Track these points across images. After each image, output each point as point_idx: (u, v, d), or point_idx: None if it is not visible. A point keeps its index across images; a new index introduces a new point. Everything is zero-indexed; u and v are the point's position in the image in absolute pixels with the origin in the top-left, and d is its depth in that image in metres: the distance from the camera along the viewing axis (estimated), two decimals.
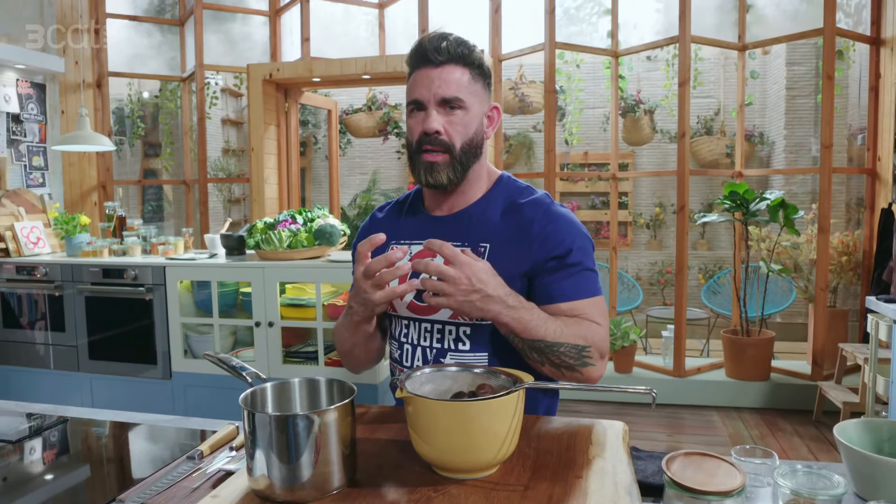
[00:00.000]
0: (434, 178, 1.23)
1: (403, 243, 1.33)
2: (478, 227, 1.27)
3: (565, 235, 1.22)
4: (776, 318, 5.79)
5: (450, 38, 1.21)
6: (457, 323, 1.24)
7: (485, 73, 1.27)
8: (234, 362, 1.01)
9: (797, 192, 6.00)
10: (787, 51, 5.85)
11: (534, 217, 1.24)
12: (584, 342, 1.15)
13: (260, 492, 0.88)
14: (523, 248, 1.22)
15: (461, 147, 1.22)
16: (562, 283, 1.20)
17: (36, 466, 1.19)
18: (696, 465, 0.86)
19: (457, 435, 0.87)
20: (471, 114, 1.23)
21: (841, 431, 0.99)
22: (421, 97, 1.21)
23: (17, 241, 3.46)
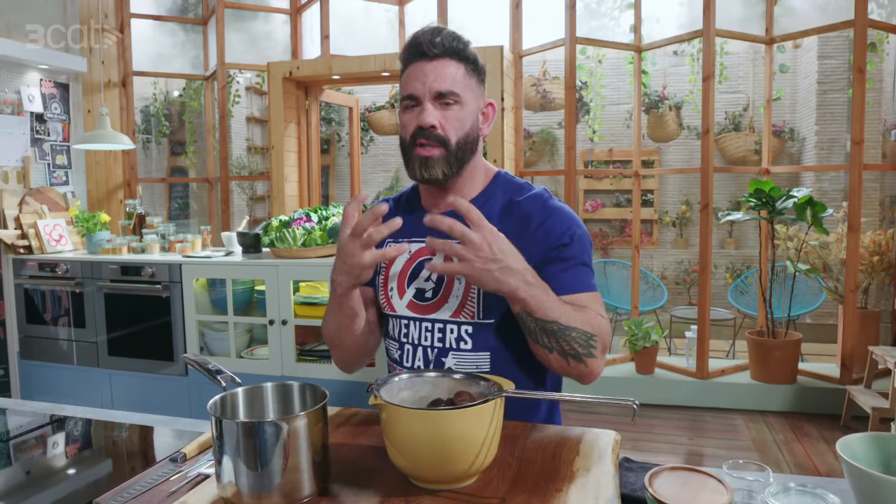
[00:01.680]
0: (429, 172, 1.20)
1: (401, 241, 1.30)
2: None
3: (564, 228, 1.21)
4: (806, 319, 5.63)
5: (444, 32, 1.19)
6: (459, 322, 1.22)
7: (479, 69, 1.25)
8: (209, 365, 0.99)
9: (828, 189, 5.82)
10: (818, 44, 5.68)
11: (532, 211, 1.22)
12: (592, 330, 1.12)
13: (228, 499, 0.85)
14: (524, 244, 1.17)
15: (457, 142, 1.20)
16: (561, 275, 1.17)
17: (17, 467, 1.18)
18: (682, 481, 0.82)
19: (431, 444, 0.84)
20: (466, 109, 1.20)
21: (844, 447, 0.93)
22: (416, 91, 1.19)
23: (39, 238, 3.52)
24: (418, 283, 1.25)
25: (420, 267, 1.26)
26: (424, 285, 1.25)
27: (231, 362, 3.22)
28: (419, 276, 1.25)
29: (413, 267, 1.27)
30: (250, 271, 3.18)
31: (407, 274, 1.27)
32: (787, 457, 3.27)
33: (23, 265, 3.52)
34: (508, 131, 4.23)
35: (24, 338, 3.59)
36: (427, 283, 1.25)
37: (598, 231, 7.01)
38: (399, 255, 1.15)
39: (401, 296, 1.27)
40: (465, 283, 1.21)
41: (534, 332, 1.10)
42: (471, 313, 1.21)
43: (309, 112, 4.69)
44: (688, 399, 4.05)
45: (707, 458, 3.31)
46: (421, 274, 1.25)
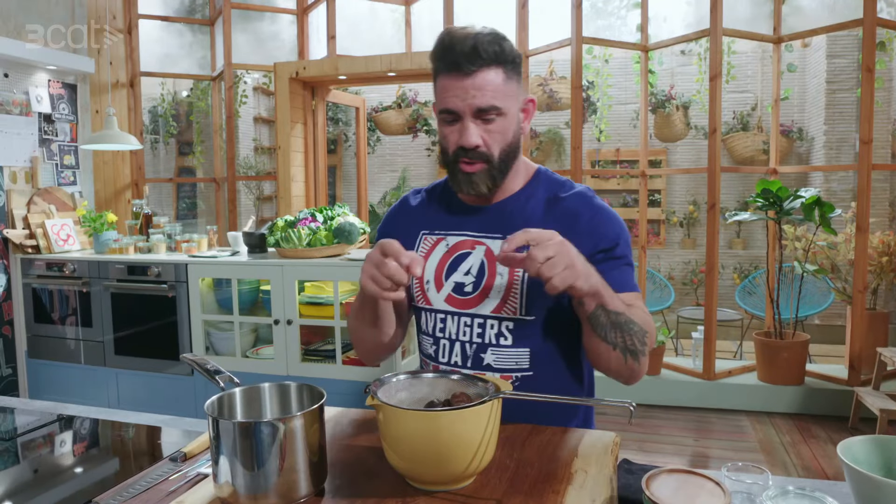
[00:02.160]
0: (475, 189, 1.18)
1: (437, 233, 1.27)
2: (519, 220, 1.21)
3: (611, 228, 1.19)
4: (814, 319, 5.59)
5: (480, 39, 1.11)
6: (500, 317, 1.19)
7: (518, 65, 1.17)
8: (209, 365, 0.99)
9: (837, 189, 5.78)
10: (827, 43, 5.64)
11: (579, 210, 1.20)
12: (645, 327, 1.11)
13: (224, 499, 0.86)
14: (571, 241, 1.14)
15: (500, 155, 1.16)
16: (608, 274, 1.13)
17: (23, 465, 1.19)
18: (679, 484, 0.81)
19: (427, 445, 0.84)
20: (508, 118, 1.15)
21: (845, 449, 0.93)
22: (455, 107, 1.13)
23: (47, 238, 3.54)
24: (457, 277, 1.22)
25: (458, 260, 1.23)
26: (464, 279, 1.21)
27: (236, 362, 3.23)
28: (458, 269, 1.22)
29: (451, 260, 1.23)
30: (255, 271, 3.19)
31: (445, 267, 1.23)
32: (794, 459, 3.25)
33: (31, 265, 3.54)
34: None
35: (32, 337, 3.61)
36: (467, 276, 1.21)
37: None
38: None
39: (438, 289, 1.23)
40: (507, 279, 1.18)
41: (605, 326, 1.06)
42: (513, 309, 1.18)
43: (315, 112, 4.69)
44: (694, 400, 4.03)
45: (713, 460, 3.30)
46: (460, 268, 1.22)
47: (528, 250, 0.97)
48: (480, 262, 1.21)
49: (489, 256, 1.21)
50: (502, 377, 1.19)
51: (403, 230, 1.31)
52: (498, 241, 1.21)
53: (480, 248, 1.22)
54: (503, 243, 0.99)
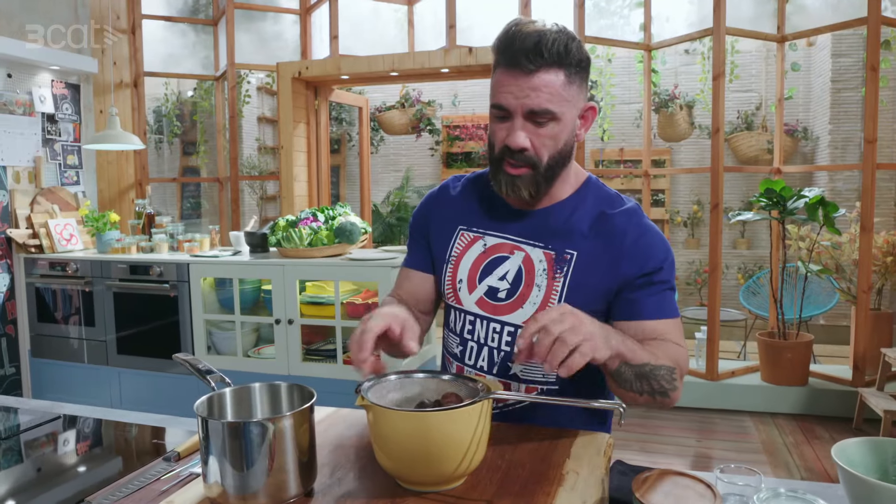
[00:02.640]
0: (515, 192, 1.13)
1: (475, 231, 1.22)
2: (564, 231, 1.16)
3: (656, 251, 1.14)
4: (819, 320, 5.56)
5: (546, 37, 1.03)
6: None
7: (583, 68, 1.10)
8: (200, 365, 0.99)
9: (842, 188, 5.74)
10: (832, 42, 5.60)
11: (626, 229, 1.14)
12: (673, 364, 1.07)
13: (213, 499, 0.85)
14: (613, 262, 1.13)
15: (548, 161, 1.10)
16: (648, 300, 1.12)
17: (16, 465, 1.19)
18: (669, 486, 0.81)
19: (416, 446, 0.83)
20: (562, 123, 1.08)
21: (840, 452, 0.92)
22: (507, 104, 1.07)
23: (50, 237, 3.56)
24: (491, 281, 1.18)
25: (494, 263, 1.18)
26: (498, 284, 1.17)
27: (238, 361, 3.23)
28: (493, 273, 1.18)
29: (487, 262, 1.19)
30: (257, 271, 3.19)
31: (479, 269, 1.19)
32: (796, 460, 3.24)
33: (34, 264, 3.56)
34: None
35: (36, 336, 3.62)
36: (501, 282, 1.17)
37: None
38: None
39: (470, 291, 1.19)
40: (545, 292, 1.14)
41: (629, 380, 1.03)
42: None
43: (318, 112, 4.70)
44: (697, 400, 4.01)
45: (715, 461, 3.28)
46: (496, 272, 1.18)
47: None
48: (518, 269, 1.17)
49: (527, 264, 1.16)
50: (527, 389, 1.17)
51: (439, 220, 1.27)
52: (539, 250, 1.16)
53: (519, 253, 1.17)
54: (518, 338, 0.93)
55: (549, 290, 1.13)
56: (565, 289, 1.13)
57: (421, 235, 1.30)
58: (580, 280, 1.13)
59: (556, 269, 1.14)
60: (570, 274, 1.13)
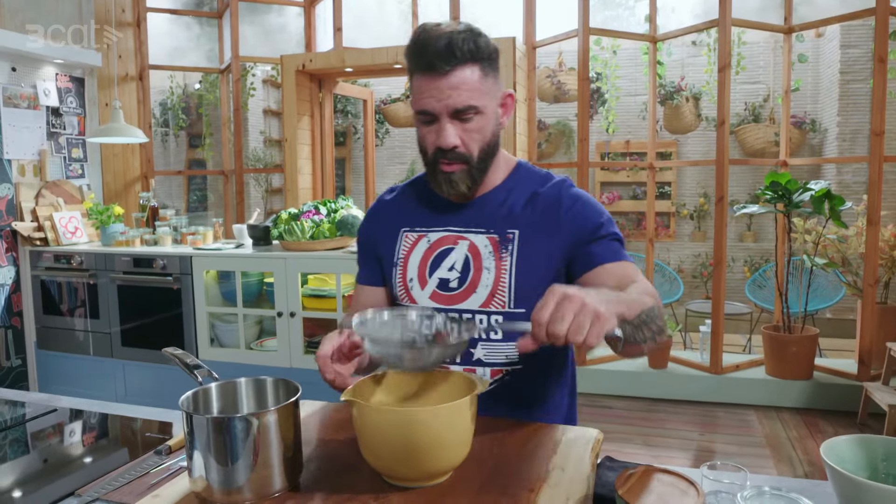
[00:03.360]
0: (455, 188, 1.18)
1: (418, 230, 1.26)
2: (503, 214, 1.22)
3: (591, 213, 1.21)
4: (826, 313, 5.52)
5: (455, 37, 1.08)
6: (489, 311, 1.18)
7: (494, 61, 1.15)
8: (189, 360, 0.99)
9: (851, 181, 5.69)
10: (841, 33, 5.54)
11: (560, 198, 1.21)
12: (654, 301, 1.07)
13: (198, 493, 0.86)
14: (554, 232, 1.19)
15: (479, 154, 1.16)
16: (601, 249, 1.17)
17: (15, 457, 1.20)
18: (653, 483, 0.80)
19: (400, 442, 0.83)
20: (486, 116, 1.14)
21: (829, 450, 0.91)
22: (430, 108, 1.12)
23: (55, 230, 3.58)
24: (441, 273, 1.22)
25: (441, 256, 1.22)
26: (448, 275, 1.21)
27: (241, 354, 3.25)
28: (441, 265, 1.22)
29: (434, 256, 1.23)
30: (259, 264, 3.20)
31: (428, 264, 1.23)
32: (800, 454, 3.22)
33: (39, 257, 3.58)
34: (521, 123, 4.20)
35: (41, 328, 3.65)
36: (451, 272, 1.21)
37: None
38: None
39: (422, 286, 1.23)
40: (495, 273, 1.18)
41: (631, 335, 1.00)
42: (502, 302, 1.17)
43: (322, 105, 4.69)
44: (701, 394, 4.00)
45: (718, 455, 3.27)
46: (443, 263, 1.22)
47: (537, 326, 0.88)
48: (465, 257, 1.20)
49: (472, 251, 1.20)
50: (492, 372, 1.20)
51: (384, 229, 1.31)
52: (482, 236, 1.20)
53: (464, 242, 1.21)
54: (519, 339, 0.91)
55: (498, 270, 1.18)
56: (513, 267, 1.18)
57: (368, 250, 1.34)
58: (526, 256, 1.18)
59: (501, 250, 1.19)
60: (515, 252, 1.18)
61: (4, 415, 1.40)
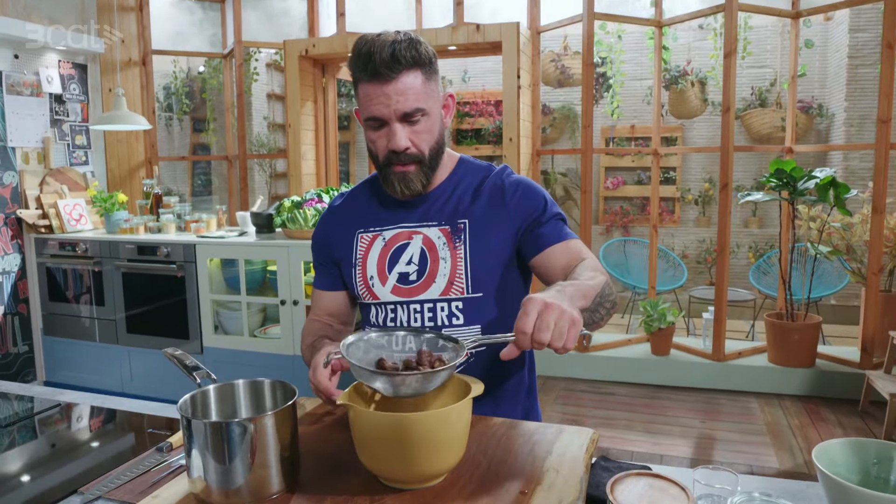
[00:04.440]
0: (410, 188, 1.23)
1: (373, 230, 1.31)
2: (452, 206, 1.28)
3: (535, 196, 1.29)
4: (830, 300, 5.52)
5: (398, 44, 1.14)
6: (449, 299, 1.25)
7: (433, 65, 1.22)
8: (187, 361, 1.00)
9: (857, 167, 5.65)
10: (850, 17, 5.47)
11: (503, 187, 1.29)
12: (604, 276, 1.15)
13: (197, 494, 0.87)
14: (501, 218, 1.26)
15: (430, 152, 1.22)
16: (548, 230, 1.25)
17: (6, 457, 1.22)
18: (644, 487, 0.81)
19: (395, 446, 0.85)
20: (432, 117, 1.20)
21: (821, 454, 0.92)
22: (380, 114, 1.17)
23: (60, 218, 3.60)
24: (399, 268, 1.27)
25: (398, 252, 1.28)
26: (406, 269, 1.27)
27: (245, 341, 3.27)
28: (399, 260, 1.27)
29: (391, 253, 1.28)
30: (262, 252, 3.21)
31: (386, 260, 1.28)
32: (800, 442, 3.24)
33: (44, 244, 3.60)
34: (525, 109, 4.18)
35: (48, 315, 3.69)
36: (409, 266, 1.27)
37: (619, 209, 6.92)
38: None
39: (383, 283, 1.27)
40: (451, 262, 1.24)
41: (588, 319, 1.07)
42: (460, 289, 1.24)
43: (326, 90, 4.68)
44: (703, 381, 4.01)
45: (719, 442, 3.29)
46: (401, 258, 1.27)
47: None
48: (420, 250, 1.26)
49: (427, 243, 1.26)
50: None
51: (338, 233, 1.35)
52: (434, 228, 1.27)
53: (418, 237, 1.27)
54: (509, 350, 0.94)
55: (454, 259, 1.24)
56: (468, 255, 1.24)
57: (324, 256, 1.38)
58: (479, 243, 1.25)
59: (454, 240, 1.26)
60: (468, 240, 1.25)
61: (10, 409, 1.42)
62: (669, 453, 3.16)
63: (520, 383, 1.35)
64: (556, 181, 6.95)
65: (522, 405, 1.35)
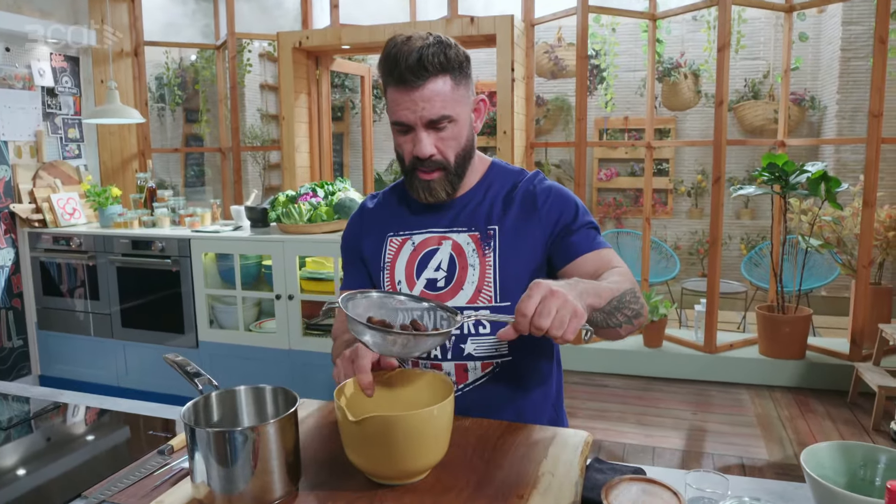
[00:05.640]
0: (433, 195, 1.23)
1: (402, 234, 1.30)
2: (482, 212, 1.27)
3: (566, 203, 1.26)
4: (821, 291, 5.57)
5: (425, 51, 1.13)
6: (476, 307, 1.23)
7: (465, 69, 1.20)
8: (189, 368, 1.02)
9: (849, 159, 5.69)
10: (843, 10, 5.48)
11: (535, 193, 1.27)
12: (632, 284, 1.13)
13: (201, 500, 0.89)
14: (533, 225, 1.24)
15: (455, 159, 1.21)
16: (579, 239, 1.22)
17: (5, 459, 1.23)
18: (637, 492, 0.83)
19: (381, 445, 0.88)
20: (460, 123, 1.19)
21: (809, 457, 0.94)
22: (406, 120, 1.16)
23: (53, 212, 3.59)
24: (428, 274, 1.26)
25: (427, 257, 1.27)
26: (435, 275, 1.25)
27: (240, 335, 3.29)
28: (428, 266, 1.26)
29: (420, 258, 1.27)
30: (257, 247, 3.22)
31: (415, 265, 1.27)
32: (790, 434, 3.29)
33: (38, 238, 3.60)
34: (519, 102, 4.18)
35: (42, 309, 3.68)
36: (438, 272, 1.25)
37: (613, 200, 6.95)
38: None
39: (411, 288, 1.26)
40: (479, 269, 1.23)
41: (603, 322, 1.08)
42: (488, 297, 1.22)
43: (319, 82, 4.66)
44: (695, 373, 4.06)
45: (710, 434, 3.34)
46: (430, 264, 1.26)
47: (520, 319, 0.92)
48: (449, 256, 1.25)
49: (456, 249, 1.25)
50: (483, 365, 1.24)
51: (369, 235, 1.34)
52: (464, 234, 1.25)
53: (447, 242, 1.26)
54: (501, 331, 0.96)
55: (482, 266, 1.23)
56: (497, 262, 1.23)
57: (354, 257, 1.37)
58: (508, 249, 1.23)
59: (484, 247, 1.24)
60: (497, 248, 1.23)
61: (8, 412, 1.44)
62: (661, 445, 3.21)
63: (546, 395, 1.32)
64: (550, 172, 6.97)
65: (549, 416, 1.32)
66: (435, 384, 1.02)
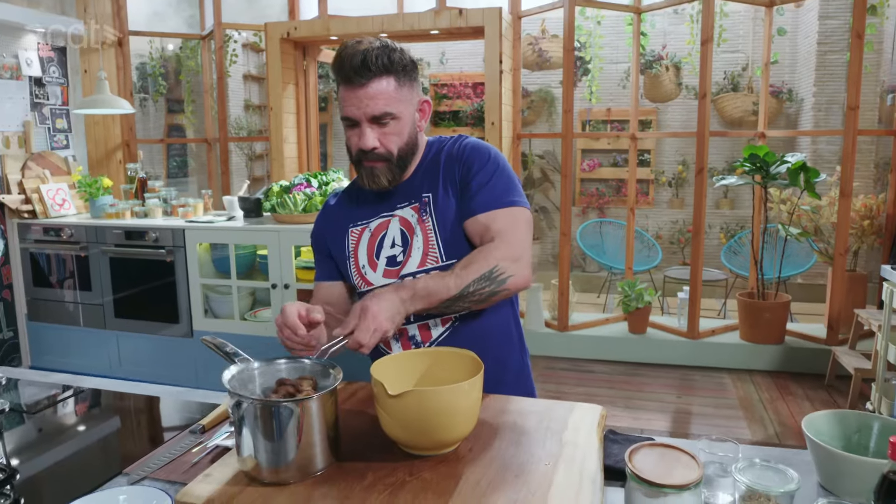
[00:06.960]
0: (376, 182, 1.32)
1: (360, 224, 1.41)
2: (418, 184, 1.37)
3: (478, 153, 1.35)
4: (797, 278, 5.73)
5: (370, 53, 1.23)
6: (427, 269, 1.33)
7: (410, 72, 1.30)
8: (227, 348, 1.06)
9: (825, 150, 5.85)
10: (820, 4, 5.62)
11: (451, 151, 1.38)
12: (488, 265, 1.22)
13: (247, 472, 0.94)
14: (451, 180, 1.35)
15: (398, 153, 1.31)
16: (478, 195, 1.31)
17: (45, 440, 1.27)
18: (658, 456, 0.91)
19: (414, 417, 0.94)
20: (402, 120, 1.29)
21: (809, 424, 1.02)
22: (352, 115, 1.26)
23: (43, 203, 3.57)
24: (386, 252, 1.36)
25: (383, 239, 1.37)
26: (392, 251, 1.36)
27: (235, 324, 3.32)
28: (384, 245, 1.37)
29: (377, 241, 1.38)
30: (253, 237, 3.25)
31: (374, 249, 1.38)
32: (771, 415, 3.41)
33: (28, 229, 3.58)
34: (506, 94, 4.24)
35: (32, 300, 3.67)
36: (394, 248, 1.36)
37: (595, 191, 7.05)
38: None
39: (374, 269, 1.37)
40: (422, 235, 1.33)
41: (446, 310, 1.23)
42: (435, 258, 1.32)
43: (307, 72, 4.67)
44: (678, 358, 4.18)
45: (694, 416, 3.45)
46: (385, 243, 1.37)
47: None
48: (400, 232, 1.36)
49: (403, 223, 1.35)
50: (443, 321, 1.34)
51: (332, 231, 1.44)
52: (407, 208, 1.36)
53: (395, 220, 1.37)
54: (329, 348, 1.10)
55: (424, 232, 1.33)
56: (435, 225, 1.33)
57: (322, 250, 1.48)
58: (443, 212, 1.33)
59: (422, 214, 1.34)
60: (433, 212, 1.34)
61: (34, 395, 1.47)
62: (649, 427, 3.31)
63: (508, 337, 1.43)
64: (534, 163, 7.05)
65: (516, 358, 1.45)
66: (464, 361, 1.07)
